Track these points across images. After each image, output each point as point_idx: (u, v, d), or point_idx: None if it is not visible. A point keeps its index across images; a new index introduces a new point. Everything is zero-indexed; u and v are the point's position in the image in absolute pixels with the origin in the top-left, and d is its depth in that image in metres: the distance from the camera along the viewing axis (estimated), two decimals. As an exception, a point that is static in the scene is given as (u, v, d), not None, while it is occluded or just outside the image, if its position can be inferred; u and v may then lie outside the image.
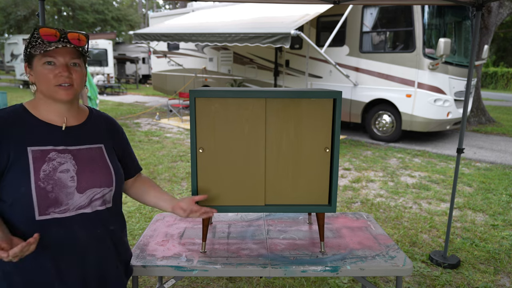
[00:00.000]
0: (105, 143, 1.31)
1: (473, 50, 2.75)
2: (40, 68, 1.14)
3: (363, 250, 1.72)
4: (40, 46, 1.13)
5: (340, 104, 1.51)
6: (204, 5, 10.64)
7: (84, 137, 1.25)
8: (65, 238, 1.16)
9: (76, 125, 1.25)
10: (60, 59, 1.15)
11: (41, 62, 1.14)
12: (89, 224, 1.21)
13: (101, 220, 1.24)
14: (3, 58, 29.77)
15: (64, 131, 1.21)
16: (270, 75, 9.52)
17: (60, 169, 1.15)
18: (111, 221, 1.29)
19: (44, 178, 1.11)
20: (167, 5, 39.16)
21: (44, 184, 1.11)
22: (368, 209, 4.15)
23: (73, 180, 1.16)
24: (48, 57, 1.13)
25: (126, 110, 12.16)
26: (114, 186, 1.27)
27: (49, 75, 1.14)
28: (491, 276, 2.86)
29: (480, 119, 10.34)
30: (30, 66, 1.17)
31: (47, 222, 1.13)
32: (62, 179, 1.14)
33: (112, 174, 1.27)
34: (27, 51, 1.16)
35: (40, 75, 1.14)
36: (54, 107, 1.20)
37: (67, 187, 1.15)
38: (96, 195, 1.21)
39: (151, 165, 5.70)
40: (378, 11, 7.62)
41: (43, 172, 1.12)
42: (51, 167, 1.14)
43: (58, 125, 1.20)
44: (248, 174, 1.57)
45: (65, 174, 1.15)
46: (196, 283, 2.69)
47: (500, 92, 23.37)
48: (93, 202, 1.21)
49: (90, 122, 1.30)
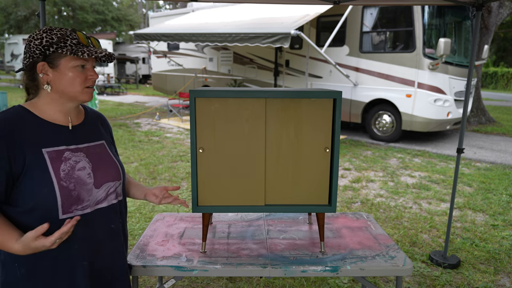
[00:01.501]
0: (105, 139, 1.35)
1: (473, 50, 2.75)
2: (70, 69, 1.15)
3: (363, 250, 1.72)
4: (80, 49, 1.13)
5: (340, 104, 1.51)
6: (204, 5, 10.64)
7: (88, 134, 1.28)
8: (85, 234, 1.20)
9: (79, 124, 1.27)
10: (90, 63, 1.20)
11: (73, 65, 1.15)
12: (106, 218, 1.26)
13: (115, 213, 1.30)
14: (3, 58, 29.77)
15: (71, 130, 1.23)
16: (270, 75, 9.52)
17: (78, 167, 1.18)
18: (123, 213, 1.36)
19: (65, 177, 1.14)
20: (167, 5, 39.17)
21: (66, 183, 1.14)
22: (368, 209, 4.15)
23: (90, 177, 1.20)
24: (82, 61, 1.17)
25: (126, 110, 12.16)
26: (121, 178, 1.33)
27: (81, 77, 1.17)
28: (491, 276, 2.86)
29: (480, 119, 10.34)
30: (53, 65, 1.14)
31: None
32: (81, 176, 1.18)
33: (119, 168, 1.32)
34: (51, 50, 1.13)
35: (69, 76, 1.15)
36: (65, 107, 1.21)
37: (86, 184, 1.19)
38: (111, 189, 1.27)
39: (151, 165, 5.70)
40: (378, 11, 7.62)
41: (63, 171, 1.14)
42: (69, 166, 1.16)
43: (63, 124, 1.22)
44: (248, 174, 1.57)
45: (82, 171, 1.19)
46: (196, 283, 2.69)
47: (500, 92, 23.37)
48: (109, 196, 1.26)
49: (88, 120, 1.33)
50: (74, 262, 1.18)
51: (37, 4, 26.04)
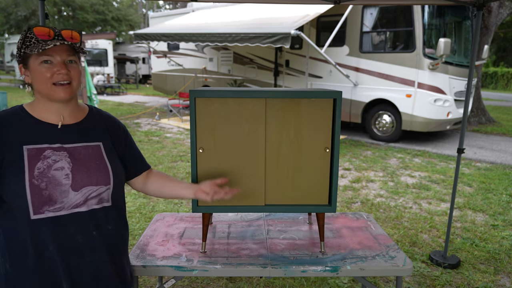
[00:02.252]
0: (104, 141, 1.29)
1: (474, 50, 2.75)
2: (36, 67, 1.13)
3: (363, 250, 1.72)
4: (36, 46, 1.12)
5: (340, 104, 1.51)
6: (204, 5, 10.64)
7: (81, 135, 1.24)
8: (61, 238, 1.14)
9: (74, 123, 1.24)
10: (57, 57, 1.14)
11: (38, 62, 1.13)
12: (85, 223, 1.18)
13: (96, 219, 1.21)
14: (3, 58, 29.78)
15: (61, 129, 1.20)
16: (270, 75, 9.52)
17: (55, 167, 1.14)
18: (109, 220, 1.25)
19: (38, 176, 1.11)
20: (167, 5, 39.17)
21: (38, 181, 1.10)
22: (368, 209, 4.15)
23: (67, 178, 1.15)
24: (45, 56, 1.12)
25: (126, 110, 12.16)
26: (112, 184, 1.24)
27: (46, 74, 1.13)
28: (491, 276, 2.86)
29: (480, 119, 10.34)
30: (26, 66, 1.16)
31: (42, 221, 1.11)
32: (56, 176, 1.13)
33: (110, 172, 1.24)
34: (21, 52, 1.15)
35: (37, 74, 1.13)
36: (51, 106, 1.19)
37: (61, 185, 1.13)
38: (92, 194, 1.19)
39: (151, 165, 5.69)
40: (378, 11, 7.62)
41: (37, 169, 1.11)
42: (46, 164, 1.13)
43: (55, 123, 1.20)
44: (248, 174, 1.57)
45: (59, 171, 1.14)
46: (196, 283, 2.69)
47: (500, 92, 23.37)
48: (88, 201, 1.18)
49: (88, 120, 1.29)
50: (55, 262, 1.14)
51: (37, 4, 26.04)
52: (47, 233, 1.12)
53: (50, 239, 1.13)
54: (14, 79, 22.95)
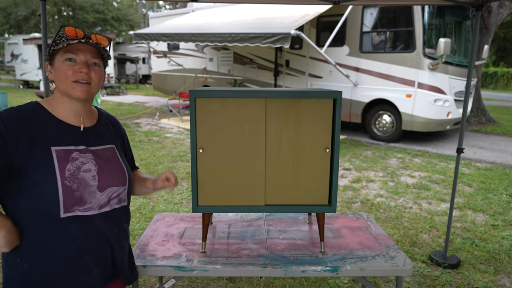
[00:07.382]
0: (116, 143, 1.34)
1: (473, 50, 2.75)
2: (60, 64, 1.16)
3: (363, 250, 1.72)
4: (63, 43, 1.15)
5: (340, 104, 1.51)
6: (204, 5, 10.64)
7: (99, 137, 1.28)
8: (87, 236, 1.19)
9: (91, 126, 1.27)
10: (81, 57, 1.17)
11: (62, 59, 1.16)
12: (109, 222, 1.25)
13: (118, 218, 1.29)
14: (3, 58, 29.78)
15: (82, 132, 1.24)
16: (270, 75, 9.52)
17: (83, 169, 1.18)
18: (126, 219, 1.35)
19: (70, 177, 1.14)
20: (167, 5, 39.16)
21: (70, 183, 1.13)
22: (368, 209, 4.15)
23: (94, 179, 1.20)
24: (70, 54, 1.16)
25: (126, 110, 12.16)
26: (127, 184, 1.32)
27: (68, 71, 1.16)
28: (491, 276, 2.86)
29: (480, 119, 10.34)
30: (51, 63, 1.19)
31: (71, 219, 1.15)
32: (85, 178, 1.17)
33: (126, 173, 1.31)
34: (50, 49, 1.19)
35: (60, 71, 1.16)
36: (70, 105, 1.21)
37: (90, 186, 1.18)
38: (114, 194, 1.26)
39: (151, 165, 5.70)
40: (378, 11, 7.62)
41: (68, 171, 1.14)
42: (75, 166, 1.16)
43: (76, 125, 1.23)
44: (248, 174, 1.57)
45: (87, 173, 1.18)
46: (196, 283, 2.69)
47: (500, 92, 23.37)
48: (111, 201, 1.25)
49: (101, 123, 1.33)
50: (76, 258, 1.18)
51: (37, 4, 26.04)
52: (75, 230, 1.17)
53: (77, 236, 1.17)
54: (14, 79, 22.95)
